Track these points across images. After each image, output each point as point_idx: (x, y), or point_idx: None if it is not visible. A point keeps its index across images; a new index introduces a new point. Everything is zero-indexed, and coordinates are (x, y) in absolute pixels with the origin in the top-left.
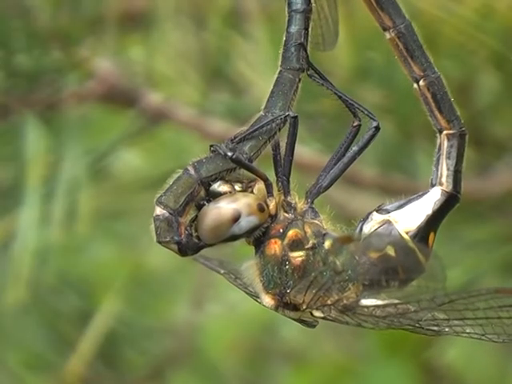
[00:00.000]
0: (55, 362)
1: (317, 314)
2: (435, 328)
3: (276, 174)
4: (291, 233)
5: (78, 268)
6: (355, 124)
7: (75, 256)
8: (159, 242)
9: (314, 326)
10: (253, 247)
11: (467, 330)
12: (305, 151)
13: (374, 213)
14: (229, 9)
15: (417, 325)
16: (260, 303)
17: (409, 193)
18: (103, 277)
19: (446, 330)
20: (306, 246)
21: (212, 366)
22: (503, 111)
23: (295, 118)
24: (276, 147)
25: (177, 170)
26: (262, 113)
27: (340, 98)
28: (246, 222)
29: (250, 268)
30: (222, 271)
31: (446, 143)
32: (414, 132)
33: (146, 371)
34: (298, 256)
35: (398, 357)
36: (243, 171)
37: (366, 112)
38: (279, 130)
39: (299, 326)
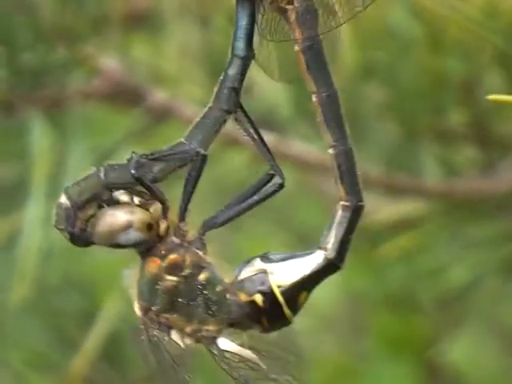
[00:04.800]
0: (59, 362)
1: (173, 337)
2: None
3: (181, 200)
4: (171, 257)
5: (82, 267)
6: (270, 172)
7: (79, 255)
8: (55, 227)
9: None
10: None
11: None
12: (309, 149)
13: (258, 259)
14: (233, 7)
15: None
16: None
17: (413, 192)
18: (106, 276)
19: None
20: (181, 274)
21: (214, 366)
22: (508, 110)
23: (204, 156)
24: (189, 176)
25: (92, 167)
26: (182, 139)
27: (258, 148)
28: (132, 236)
29: (132, 274)
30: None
31: (339, 212)
32: (418, 131)
33: (148, 371)
34: (170, 280)
35: (400, 356)
36: None
37: (275, 168)
38: (190, 161)
39: (300, 326)
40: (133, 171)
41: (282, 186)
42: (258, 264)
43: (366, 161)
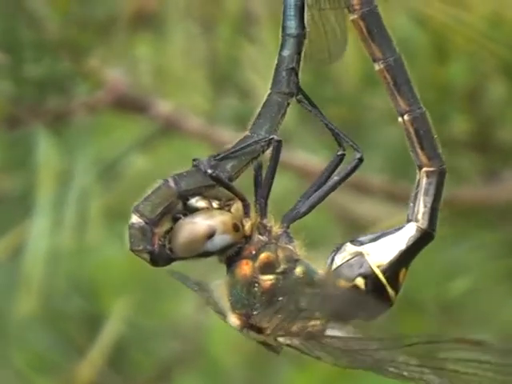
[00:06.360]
0: (65, 366)
1: (281, 339)
2: (394, 370)
3: (255, 196)
4: (263, 255)
5: (88, 272)
6: (339, 153)
7: (85, 262)
8: (132, 250)
9: (278, 352)
10: (225, 265)
11: (424, 378)
12: (312, 158)
13: (348, 244)
14: (237, 14)
15: (378, 365)
16: (226, 323)
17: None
18: (113, 280)
19: (404, 373)
20: (277, 270)
21: (218, 367)
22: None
23: (279, 142)
24: (258, 169)
25: (157, 180)
26: (247, 133)
27: (326, 125)
28: (219, 240)
29: (220, 286)
30: (196, 288)
31: (424, 180)
32: None
33: (153, 373)
34: (267, 279)
35: None
36: (222, 189)
37: (350, 143)
38: (262, 152)
39: None
40: (209, 170)
41: (361, 159)
42: (350, 248)
43: (369, 168)
